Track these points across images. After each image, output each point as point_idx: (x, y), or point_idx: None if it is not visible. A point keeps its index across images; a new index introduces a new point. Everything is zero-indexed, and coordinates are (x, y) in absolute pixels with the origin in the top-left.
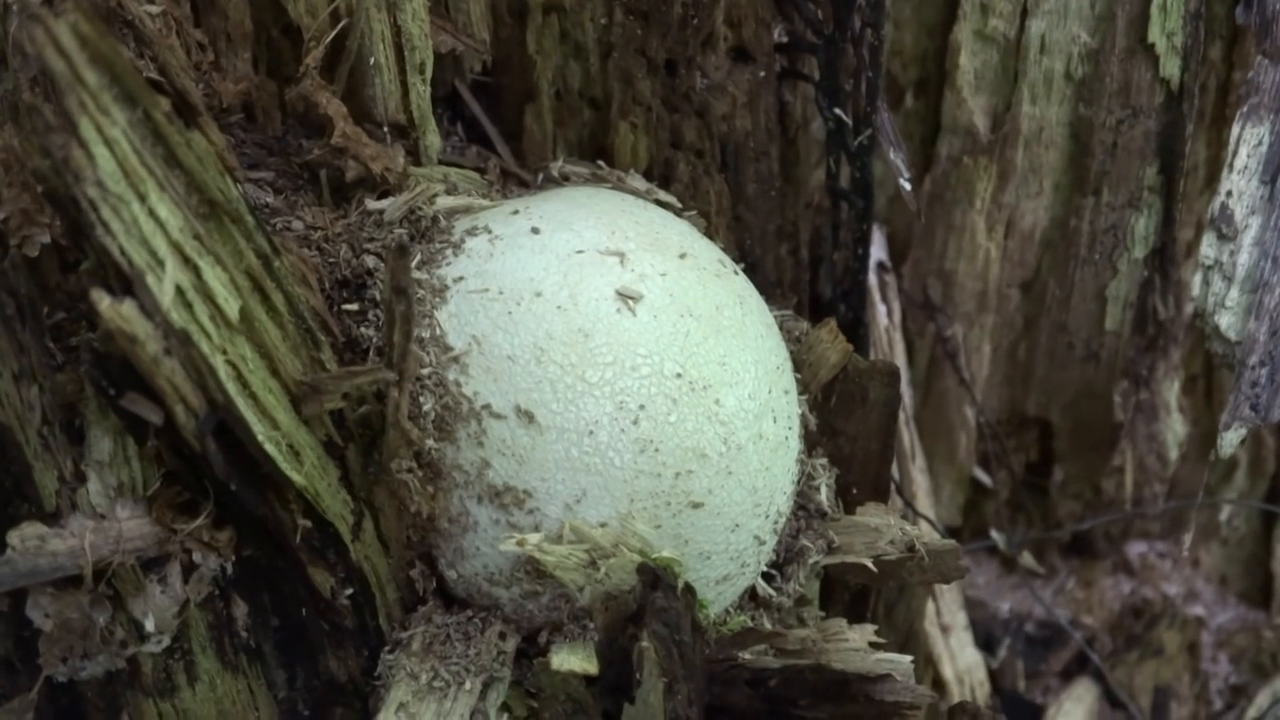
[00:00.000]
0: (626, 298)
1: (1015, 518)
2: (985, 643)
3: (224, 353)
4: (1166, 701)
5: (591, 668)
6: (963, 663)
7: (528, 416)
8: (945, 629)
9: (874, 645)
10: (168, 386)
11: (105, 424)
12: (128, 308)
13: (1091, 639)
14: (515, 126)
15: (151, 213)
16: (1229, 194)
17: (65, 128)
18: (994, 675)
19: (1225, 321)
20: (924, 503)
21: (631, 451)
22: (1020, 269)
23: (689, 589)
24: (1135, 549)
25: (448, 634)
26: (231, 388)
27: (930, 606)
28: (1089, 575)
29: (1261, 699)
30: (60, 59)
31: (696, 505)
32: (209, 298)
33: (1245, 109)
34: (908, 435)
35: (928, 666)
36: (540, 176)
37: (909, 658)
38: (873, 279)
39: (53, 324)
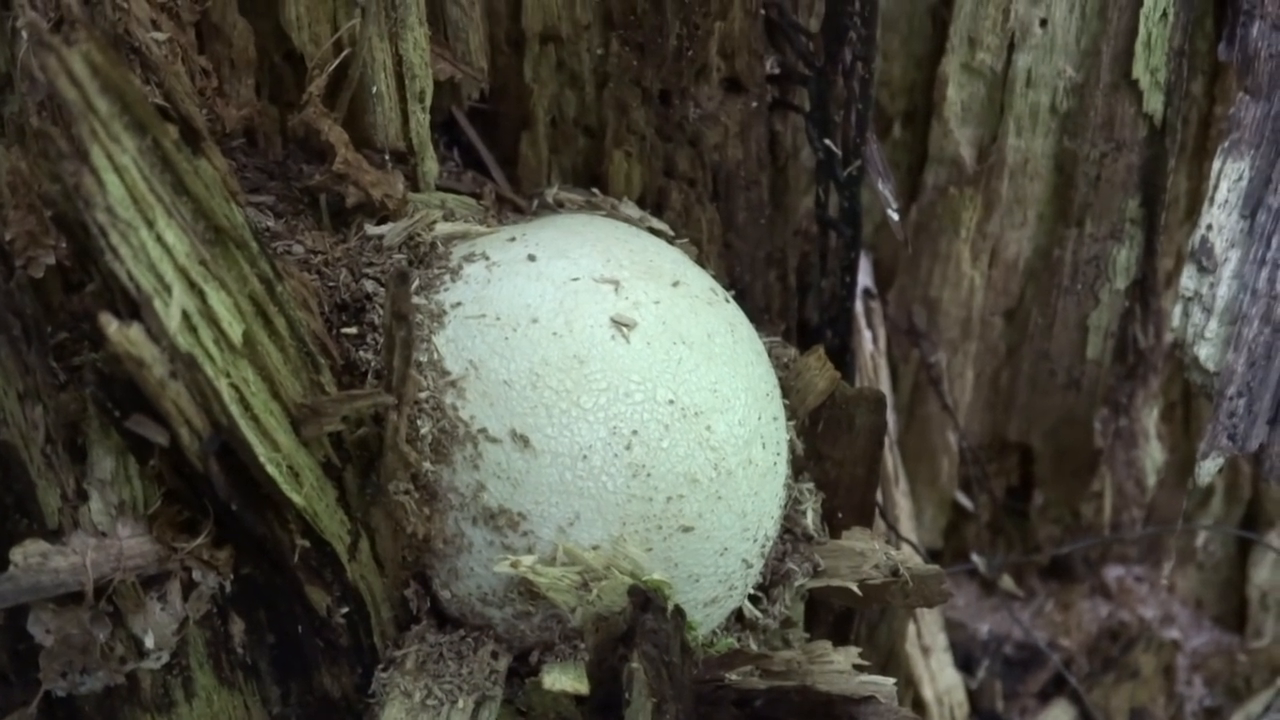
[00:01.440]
0: (621, 325)
1: (995, 541)
2: (965, 664)
3: (227, 376)
4: None
5: (582, 687)
6: (942, 684)
7: (523, 441)
8: (926, 650)
9: (858, 667)
10: (173, 409)
11: (107, 443)
12: (135, 332)
13: (1069, 661)
14: (511, 153)
15: (159, 238)
16: (1209, 227)
17: (76, 155)
18: (973, 696)
19: (1204, 352)
20: (906, 525)
21: (624, 476)
22: (1004, 297)
23: (679, 611)
24: (1113, 573)
25: (441, 653)
26: (235, 410)
27: (911, 628)
28: (1067, 598)
29: None
30: (73, 88)
31: (687, 529)
32: (214, 322)
33: (1226, 144)
34: (891, 459)
35: (908, 687)
36: (535, 203)
37: (892, 680)
38: (859, 306)
39: (55, 343)
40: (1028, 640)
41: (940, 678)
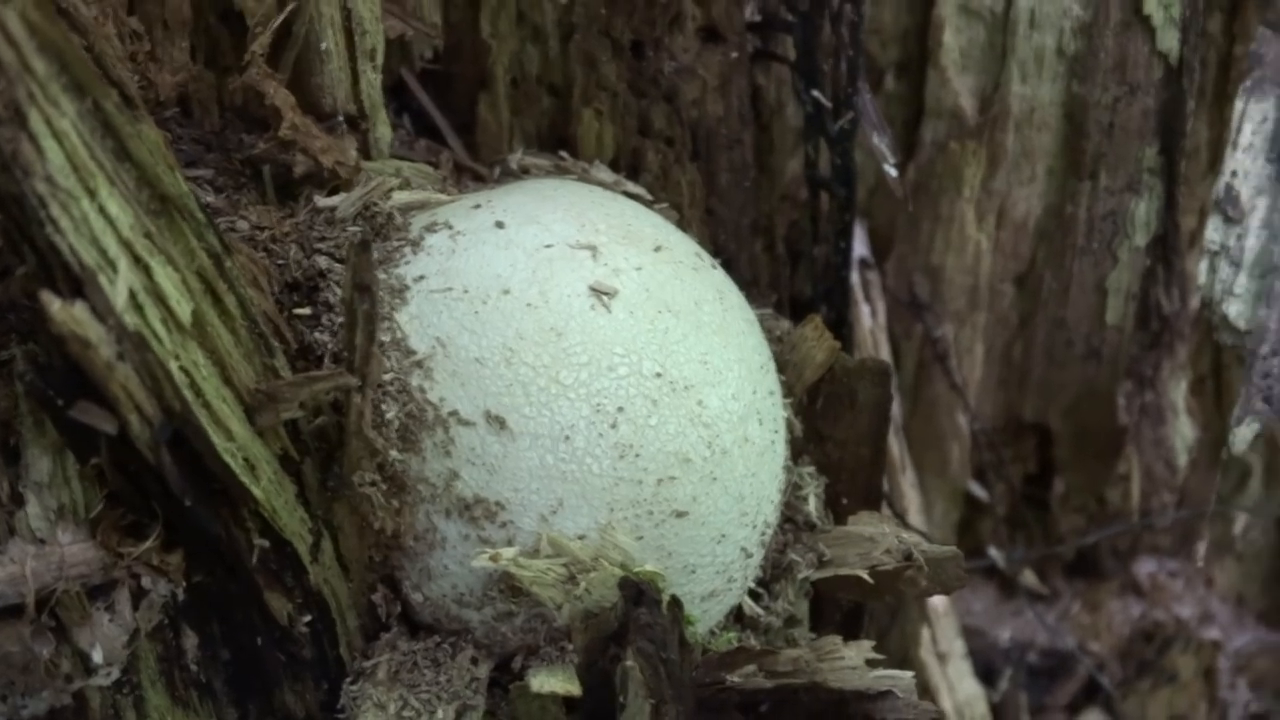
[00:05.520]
0: (600, 293)
1: (1014, 535)
2: (985, 675)
3: (176, 359)
4: None
5: (574, 688)
6: (962, 694)
7: (498, 422)
8: (942, 657)
9: (871, 662)
10: (122, 394)
11: (43, 442)
12: (79, 310)
13: (1100, 667)
14: (468, 117)
15: (101, 209)
16: (1234, 174)
17: (14, 120)
18: (996, 710)
19: (1234, 310)
20: (915, 520)
21: (610, 457)
22: (1014, 261)
23: (675, 602)
24: (1144, 568)
25: (415, 661)
26: (188, 395)
27: (925, 633)
28: (1095, 597)
29: None
30: (8, 47)
31: (680, 514)
32: (161, 300)
33: (1249, 83)
34: (896, 446)
35: (924, 698)
36: (497, 171)
37: (910, 673)
38: (855, 277)
39: None
40: (1054, 645)
41: (959, 687)
